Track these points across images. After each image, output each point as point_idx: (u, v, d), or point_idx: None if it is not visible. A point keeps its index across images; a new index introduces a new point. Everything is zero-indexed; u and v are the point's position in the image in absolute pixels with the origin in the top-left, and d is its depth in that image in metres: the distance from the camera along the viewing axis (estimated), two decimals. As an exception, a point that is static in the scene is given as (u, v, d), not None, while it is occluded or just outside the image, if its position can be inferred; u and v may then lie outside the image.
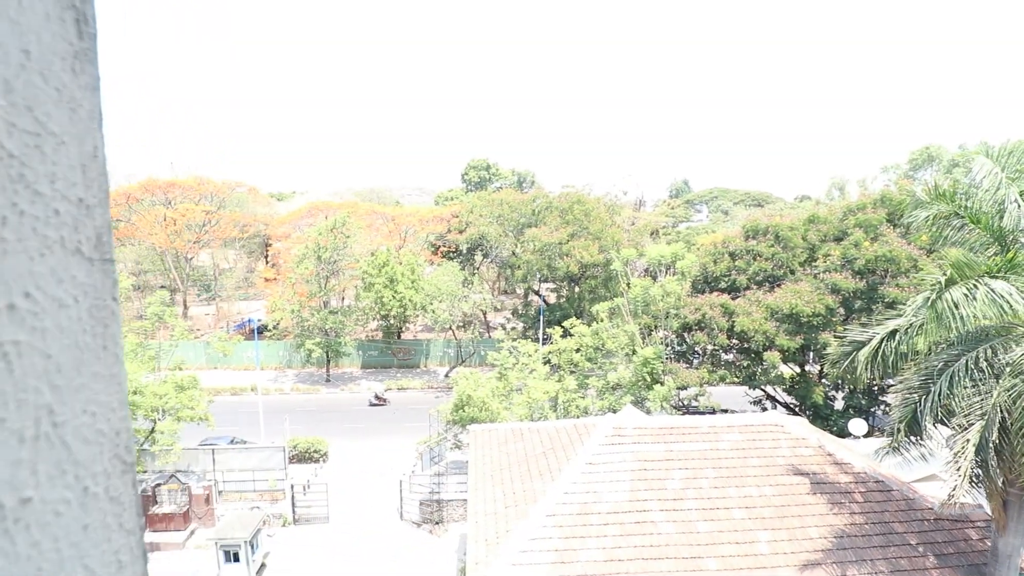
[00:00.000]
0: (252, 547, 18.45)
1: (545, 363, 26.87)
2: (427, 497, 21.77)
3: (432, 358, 45.85)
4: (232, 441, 25.48)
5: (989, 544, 10.20)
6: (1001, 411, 8.55)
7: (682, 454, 11.84)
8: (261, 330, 44.74)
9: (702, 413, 24.44)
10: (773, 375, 24.20)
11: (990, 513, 10.12)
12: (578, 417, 21.54)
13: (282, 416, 30.33)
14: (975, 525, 10.88)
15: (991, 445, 8.67)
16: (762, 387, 26.36)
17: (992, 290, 8.44)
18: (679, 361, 26.35)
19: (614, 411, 22.73)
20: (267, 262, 59.63)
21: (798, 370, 26.09)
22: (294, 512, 22.04)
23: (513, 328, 46.65)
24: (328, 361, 41.59)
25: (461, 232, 46.93)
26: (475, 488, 11.77)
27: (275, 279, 46.67)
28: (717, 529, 10.29)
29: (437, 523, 21.58)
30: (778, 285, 24.64)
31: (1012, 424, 8.39)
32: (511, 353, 25.22)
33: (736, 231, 30.56)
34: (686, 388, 24.79)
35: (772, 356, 22.63)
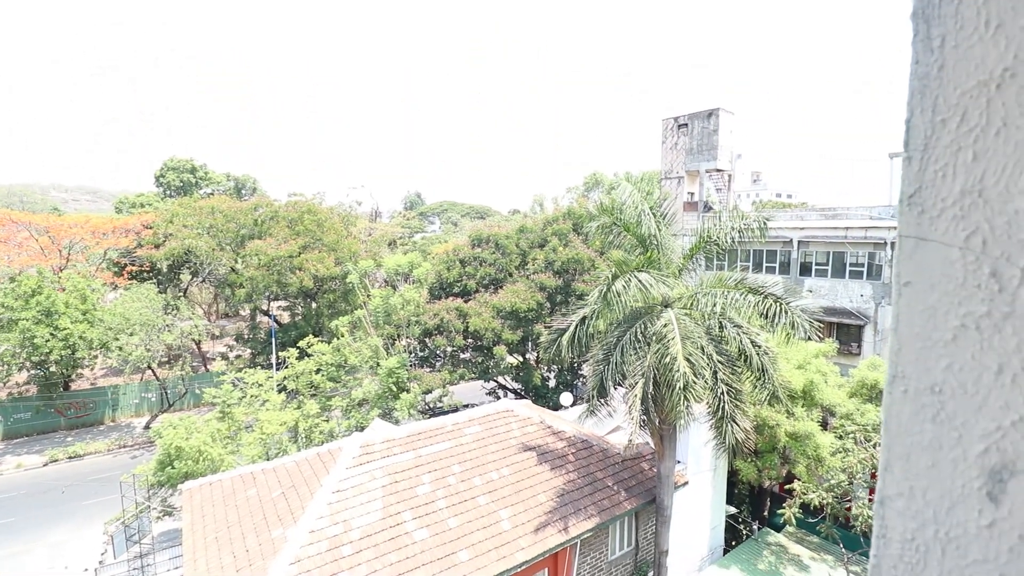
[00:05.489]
0: None
1: (281, 391, 24.21)
2: (128, 587, 17.07)
3: (124, 409, 36.34)
4: None
5: (655, 471, 13.56)
6: (653, 370, 11.46)
7: (430, 457, 12.20)
8: None
9: (446, 413, 25.78)
10: (503, 366, 27.24)
11: (653, 447, 13.47)
12: (323, 443, 20.10)
13: None
14: (646, 459, 14.32)
15: (650, 396, 11.54)
16: (495, 379, 29.38)
17: (640, 280, 11.24)
18: (423, 366, 27.24)
19: (362, 428, 22.02)
20: None
21: (521, 359, 30.00)
22: None
23: (238, 356, 40.73)
24: (-63, 441, 28.66)
25: (158, 247, 38.60)
26: (192, 559, 9.70)
27: None
28: (466, 520, 10.94)
29: (146, 615, 17.14)
30: (501, 287, 27.85)
31: (661, 378, 11.32)
32: (236, 386, 21.86)
33: (464, 240, 33.30)
34: (431, 391, 25.77)
35: (500, 350, 25.43)
